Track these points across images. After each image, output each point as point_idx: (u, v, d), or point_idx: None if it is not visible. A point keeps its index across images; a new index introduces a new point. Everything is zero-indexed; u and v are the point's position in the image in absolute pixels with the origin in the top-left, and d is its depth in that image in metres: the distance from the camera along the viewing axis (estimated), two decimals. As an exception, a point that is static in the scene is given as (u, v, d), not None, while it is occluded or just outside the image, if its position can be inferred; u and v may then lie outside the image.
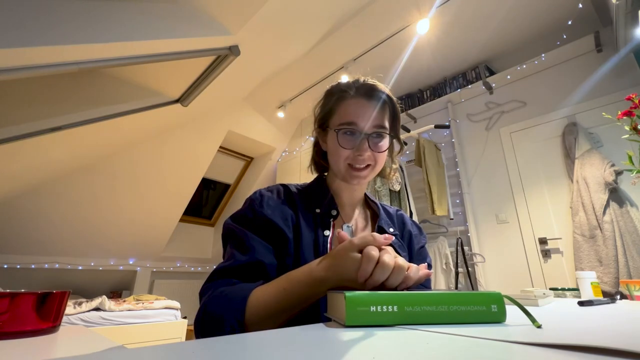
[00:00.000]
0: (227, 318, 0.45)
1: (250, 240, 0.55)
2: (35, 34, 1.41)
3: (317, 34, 2.38)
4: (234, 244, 0.56)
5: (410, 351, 0.23)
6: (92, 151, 2.61)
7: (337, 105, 0.64)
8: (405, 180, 2.59)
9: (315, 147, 0.73)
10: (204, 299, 0.50)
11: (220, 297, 0.48)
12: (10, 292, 0.57)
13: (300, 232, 0.59)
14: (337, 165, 0.63)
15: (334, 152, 0.63)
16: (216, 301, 0.48)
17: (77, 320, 2.18)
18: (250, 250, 0.54)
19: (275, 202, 0.61)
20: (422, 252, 0.71)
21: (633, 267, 1.66)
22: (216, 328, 0.45)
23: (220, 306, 0.47)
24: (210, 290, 0.51)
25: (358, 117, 0.61)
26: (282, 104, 3.37)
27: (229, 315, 0.45)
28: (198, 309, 0.49)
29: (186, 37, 1.82)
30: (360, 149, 0.60)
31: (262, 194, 0.62)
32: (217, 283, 0.52)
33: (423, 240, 0.73)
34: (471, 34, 2.47)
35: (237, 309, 0.46)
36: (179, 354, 0.24)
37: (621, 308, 0.62)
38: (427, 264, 0.63)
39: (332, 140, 0.63)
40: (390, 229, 0.67)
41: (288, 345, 0.27)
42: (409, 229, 0.72)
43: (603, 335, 0.30)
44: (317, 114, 0.69)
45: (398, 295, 0.36)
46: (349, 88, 0.64)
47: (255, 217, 0.58)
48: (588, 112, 2.13)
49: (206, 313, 0.47)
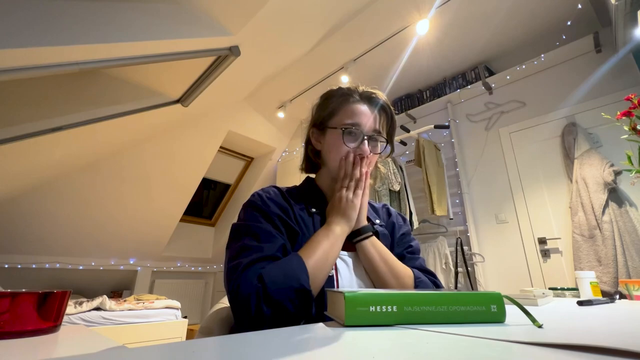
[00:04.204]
0: (299, 274, 0.48)
1: (267, 229, 0.56)
2: (36, 35, 1.41)
3: (317, 34, 2.38)
4: (252, 237, 0.55)
5: (410, 351, 0.23)
6: (93, 151, 2.61)
7: (340, 106, 0.68)
8: (405, 180, 2.59)
9: (307, 146, 0.75)
10: (248, 284, 0.46)
11: (275, 267, 0.49)
12: (11, 291, 0.57)
13: (301, 229, 0.60)
14: (335, 162, 0.67)
15: (334, 150, 0.66)
16: (275, 272, 0.48)
17: (77, 320, 2.18)
18: (270, 237, 0.55)
19: (274, 200, 0.62)
20: (404, 238, 0.74)
21: (632, 267, 1.66)
22: (289, 292, 0.46)
23: (283, 270, 0.48)
24: (252, 275, 0.48)
25: (362, 119, 0.66)
26: (282, 104, 3.37)
27: (299, 271, 0.49)
28: (243, 296, 0.45)
29: (187, 38, 1.82)
30: (362, 150, 0.65)
31: (260, 194, 0.63)
32: (255, 267, 0.49)
33: (405, 228, 0.76)
34: (471, 34, 2.47)
35: (301, 265, 0.50)
36: (179, 354, 0.24)
37: (620, 308, 0.62)
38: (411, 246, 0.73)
39: (334, 138, 0.66)
40: (377, 221, 0.72)
41: (288, 345, 0.27)
42: (393, 220, 0.76)
43: (603, 335, 0.30)
44: (315, 114, 0.73)
45: (398, 295, 0.36)
46: (352, 93, 0.69)
47: (263, 213, 0.59)
48: (587, 113, 2.13)
49: (270, 283, 0.45)
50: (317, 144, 0.72)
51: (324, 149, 0.70)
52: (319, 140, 0.71)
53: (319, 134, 0.71)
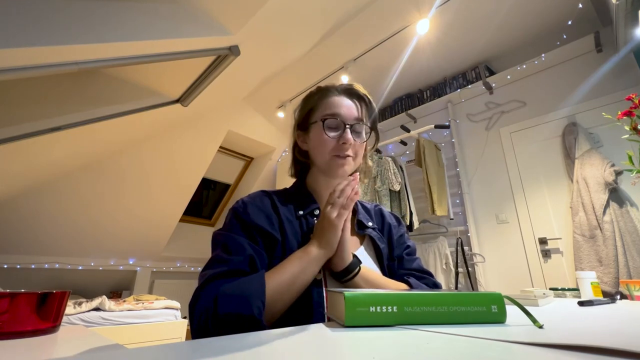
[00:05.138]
0: (252, 300, 0.45)
1: (239, 242, 0.55)
2: (35, 34, 1.41)
3: (317, 34, 2.38)
4: (223, 249, 0.55)
5: (410, 351, 0.23)
6: (92, 151, 2.61)
7: (319, 102, 0.69)
8: (405, 180, 2.59)
9: (294, 149, 0.76)
10: (203, 301, 0.48)
11: (233, 287, 0.48)
12: (10, 292, 0.57)
13: (286, 234, 0.60)
14: (322, 156, 0.66)
15: (319, 144, 0.66)
16: (230, 292, 0.47)
17: (77, 320, 2.18)
18: (240, 250, 0.54)
19: (258, 207, 0.62)
20: (401, 239, 0.74)
21: (633, 267, 1.66)
22: (237, 318, 0.44)
23: (239, 292, 0.47)
24: (209, 292, 0.48)
25: (341, 109, 0.66)
26: (282, 104, 3.37)
27: (254, 297, 0.46)
28: (196, 312, 0.47)
29: (186, 37, 1.82)
30: (345, 138, 0.64)
31: (244, 202, 0.63)
32: (216, 283, 0.50)
33: (402, 230, 0.76)
34: (471, 34, 2.47)
35: (259, 291, 0.47)
36: (179, 354, 0.24)
37: (621, 308, 0.62)
38: (408, 246, 0.72)
39: (317, 132, 0.67)
40: (369, 223, 0.71)
41: (288, 345, 0.27)
42: (388, 221, 0.75)
43: (603, 336, 0.30)
44: (297, 116, 0.74)
45: (398, 295, 0.36)
46: (330, 88, 0.70)
47: (242, 223, 0.59)
48: (588, 112, 2.12)
49: (222, 305, 0.45)
50: (303, 144, 0.72)
51: (310, 146, 0.70)
52: (305, 140, 0.72)
53: (303, 135, 0.72)
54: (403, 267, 0.70)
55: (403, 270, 0.69)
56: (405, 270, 0.69)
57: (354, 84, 0.71)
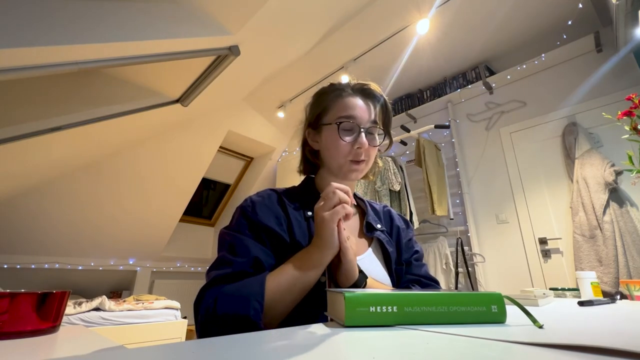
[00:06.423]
0: (250, 301, 0.46)
1: (246, 243, 0.55)
2: (35, 34, 1.41)
3: (317, 33, 2.38)
4: (229, 250, 0.55)
5: (410, 351, 0.23)
6: (92, 151, 2.61)
7: (334, 102, 0.66)
8: (405, 180, 2.59)
9: (304, 147, 0.73)
10: (206, 301, 0.48)
11: (233, 288, 0.48)
12: (10, 292, 0.57)
13: (294, 235, 0.58)
14: (336, 160, 0.64)
15: (333, 147, 0.64)
16: (229, 293, 0.47)
17: (77, 320, 2.18)
18: (246, 252, 0.54)
19: (267, 207, 0.61)
20: (410, 243, 0.73)
21: (633, 267, 1.66)
22: (234, 318, 0.45)
23: (238, 292, 0.47)
24: (212, 293, 0.49)
25: (356, 111, 0.64)
26: (282, 104, 3.37)
27: (251, 298, 0.46)
28: (200, 311, 0.48)
29: (186, 37, 1.82)
30: (360, 142, 0.62)
31: (252, 201, 0.62)
32: (219, 284, 0.51)
33: (410, 233, 0.75)
34: (471, 34, 2.47)
35: (257, 292, 0.47)
36: (179, 354, 0.24)
37: (621, 308, 0.62)
38: (417, 251, 0.70)
39: (331, 134, 0.64)
40: (378, 225, 0.69)
41: (288, 345, 0.27)
42: (397, 224, 0.74)
43: (603, 336, 0.30)
44: (309, 113, 0.71)
45: (398, 295, 0.36)
46: (344, 87, 0.67)
47: (250, 222, 0.58)
48: (588, 112, 2.12)
49: (220, 305, 0.46)
50: (314, 144, 0.70)
51: (322, 147, 0.68)
52: (316, 139, 0.69)
53: (314, 134, 0.70)
54: (410, 272, 0.68)
55: (410, 275, 0.68)
56: (413, 275, 0.68)
57: (370, 83, 0.68)
